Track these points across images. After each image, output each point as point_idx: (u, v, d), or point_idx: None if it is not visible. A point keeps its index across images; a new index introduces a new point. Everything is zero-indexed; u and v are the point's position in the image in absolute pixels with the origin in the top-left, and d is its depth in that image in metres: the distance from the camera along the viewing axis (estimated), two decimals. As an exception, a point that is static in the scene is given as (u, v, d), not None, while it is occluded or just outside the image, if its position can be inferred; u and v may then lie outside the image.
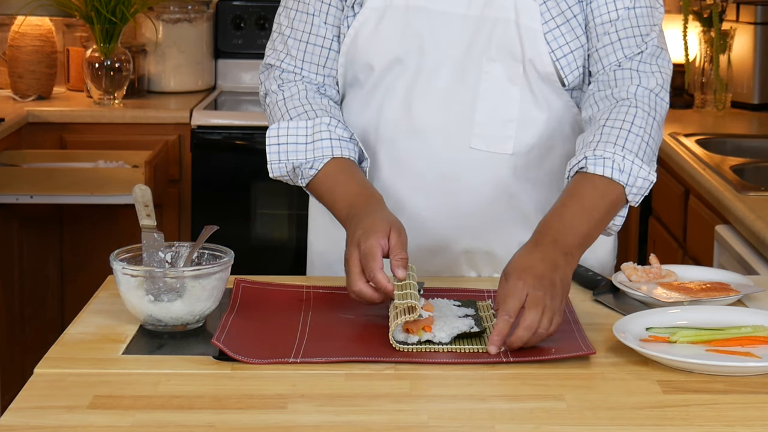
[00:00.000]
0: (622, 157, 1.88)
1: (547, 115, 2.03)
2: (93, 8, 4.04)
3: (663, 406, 1.51)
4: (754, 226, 2.58)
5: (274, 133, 2.02)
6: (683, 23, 4.11)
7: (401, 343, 1.67)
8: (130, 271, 1.73)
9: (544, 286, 1.67)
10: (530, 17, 1.98)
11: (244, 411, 1.47)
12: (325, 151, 1.98)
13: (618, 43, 2.00)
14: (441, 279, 1.99)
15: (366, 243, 1.77)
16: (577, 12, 2.00)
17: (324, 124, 2.00)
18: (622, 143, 1.90)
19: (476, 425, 1.44)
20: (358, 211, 1.87)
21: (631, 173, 1.88)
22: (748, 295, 1.91)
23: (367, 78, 2.06)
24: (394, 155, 2.05)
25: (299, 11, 2.07)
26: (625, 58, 2.00)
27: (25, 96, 4.20)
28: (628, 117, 1.94)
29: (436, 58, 2.01)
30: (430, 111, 2.02)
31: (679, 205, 3.38)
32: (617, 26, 2.00)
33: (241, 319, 1.76)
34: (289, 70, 2.08)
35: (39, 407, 1.48)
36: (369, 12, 2.02)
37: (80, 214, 4.07)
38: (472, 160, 2.02)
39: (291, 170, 2.01)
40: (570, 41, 2.00)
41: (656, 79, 1.99)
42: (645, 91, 1.98)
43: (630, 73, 1.99)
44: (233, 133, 4.05)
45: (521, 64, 2.00)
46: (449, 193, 2.03)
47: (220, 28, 4.57)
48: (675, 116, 4.08)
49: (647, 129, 1.94)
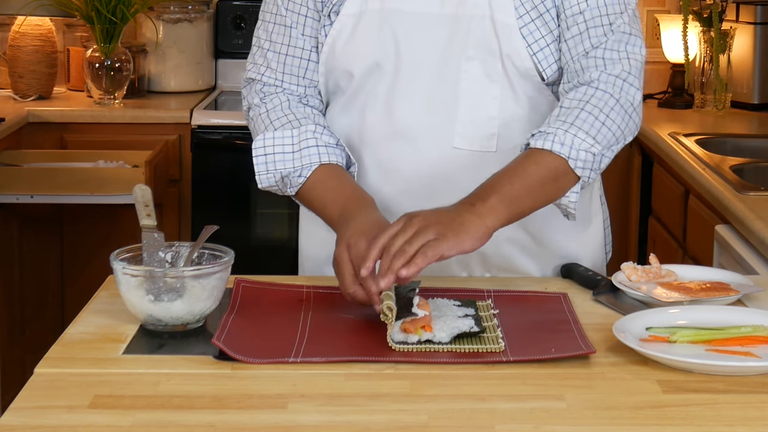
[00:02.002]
0: (564, 131, 1.88)
1: (528, 112, 2.03)
2: (93, 8, 4.04)
3: (663, 405, 1.51)
4: (754, 226, 2.58)
5: (260, 144, 2.02)
6: (683, 23, 4.11)
7: (400, 344, 1.67)
8: (130, 271, 1.73)
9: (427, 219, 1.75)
10: (504, 13, 1.97)
11: (244, 411, 1.48)
12: (313, 158, 1.99)
13: (586, 32, 1.98)
14: (441, 279, 1.99)
15: (356, 244, 1.78)
16: (550, 6, 1.99)
17: (309, 131, 2.00)
18: (572, 120, 1.90)
19: (476, 425, 1.44)
20: (349, 212, 1.88)
21: (573, 146, 1.88)
22: (748, 295, 1.91)
23: (347, 84, 2.06)
24: (379, 159, 2.05)
25: (277, 24, 2.08)
26: (591, 47, 1.98)
27: (25, 96, 4.20)
28: (585, 97, 1.93)
29: (413, 60, 2.01)
30: (412, 113, 2.02)
31: (679, 205, 3.38)
32: (585, 16, 1.98)
33: (241, 319, 1.76)
34: (270, 83, 2.09)
35: (39, 407, 1.48)
36: (345, 19, 2.02)
37: (80, 214, 4.07)
38: (457, 159, 2.02)
39: (279, 180, 2.01)
40: (545, 35, 1.99)
41: (622, 65, 1.97)
42: (609, 77, 1.96)
43: (595, 61, 1.97)
44: (233, 133, 4.05)
45: (499, 61, 1.99)
46: (436, 194, 2.02)
47: (220, 28, 4.58)
48: (675, 116, 4.08)
49: (604, 109, 1.92)
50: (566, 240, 2.09)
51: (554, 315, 1.80)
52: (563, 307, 1.84)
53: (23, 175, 3.72)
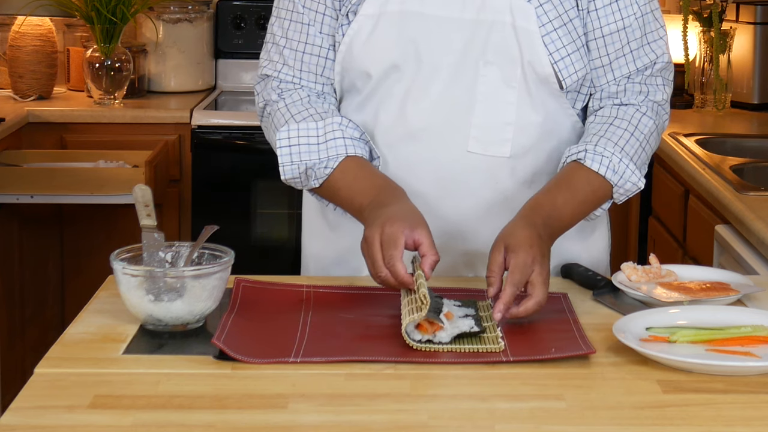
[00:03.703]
0: (619, 159, 1.96)
1: (543, 118, 2.03)
2: (93, 8, 4.04)
3: (663, 405, 1.51)
4: (754, 226, 2.58)
5: (284, 135, 2.01)
6: (683, 23, 4.11)
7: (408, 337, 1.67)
8: (130, 271, 1.73)
9: (544, 265, 1.77)
10: (526, 19, 1.98)
11: (244, 411, 1.48)
12: (339, 150, 1.98)
13: (630, 55, 2.04)
14: (441, 279, 1.99)
15: (391, 228, 1.77)
16: (573, 16, 2.00)
17: (336, 123, 2.00)
18: (623, 144, 1.98)
19: (476, 425, 1.44)
20: (383, 200, 1.87)
21: (623, 176, 1.97)
22: (748, 294, 1.91)
23: (364, 85, 2.06)
24: (392, 160, 2.05)
25: (293, 21, 2.07)
26: (636, 71, 2.05)
27: (25, 96, 4.20)
28: (634, 120, 2.02)
29: (432, 63, 2.01)
30: (427, 115, 2.02)
31: (679, 205, 3.38)
32: (628, 37, 2.02)
33: (241, 319, 1.76)
34: (288, 80, 2.08)
35: (39, 407, 1.48)
36: (363, 19, 2.01)
37: (80, 214, 4.07)
38: (470, 163, 2.02)
39: (303, 171, 2.00)
40: (567, 44, 2.00)
41: (662, 94, 2.07)
42: (653, 105, 2.05)
43: (639, 87, 2.06)
44: (233, 133, 4.05)
45: (519, 67, 2.00)
46: (447, 196, 2.03)
47: (220, 28, 4.57)
48: (675, 116, 4.08)
49: (648, 136, 2.02)
50: (572, 244, 2.10)
51: (554, 315, 1.80)
52: (563, 307, 1.84)
53: (23, 175, 3.72)
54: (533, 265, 1.75)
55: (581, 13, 2.01)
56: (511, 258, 1.76)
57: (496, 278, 1.76)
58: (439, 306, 1.71)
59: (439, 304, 1.71)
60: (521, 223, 1.83)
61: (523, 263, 1.75)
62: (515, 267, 1.75)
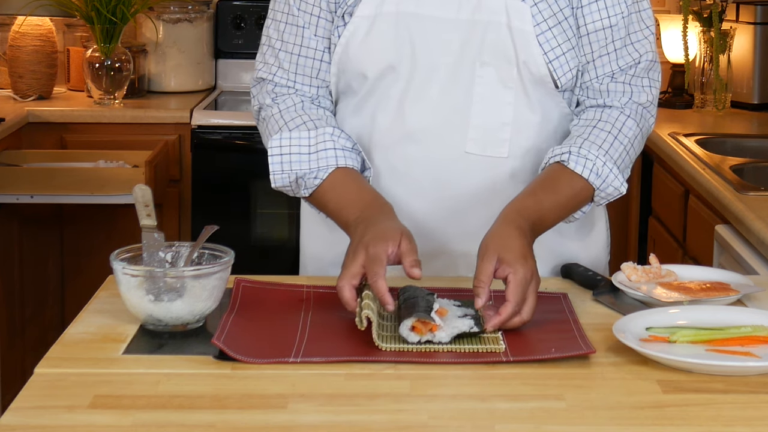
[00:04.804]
0: (603, 163, 1.96)
1: (540, 118, 2.04)
2: (93, 8, 4.04)
3: (662, 405, 1.51)
4: (754, 226, 2.58)
5: (276, 143, 2.01)
6: (683, 23, 4.11)
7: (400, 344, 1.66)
8: (130, 271, 1.73)
9: (537, 279, 1.76)
10: (521, 19, 1.98)
11: (244, 411, 1.48)
12: (330, 161, 1.98)
13: (614, 53, 2.03)
14: (441, 279, 1.99)
15: (375, 248, 1.77)
16: (568, 14, 2.00)
17: (327, 134, 2.00)
18: (607, 148, 1.98)
19: (476, 425, 1.44)
20: (369, 215, 1.87)
21: (606, 180, 1.97)
22: (748, 295, 1.91)
23: (360, 86, 2.06)
24: (390, 161, 2.05)
25: (288, 24, 2.06)
26: (619, 69, 2.03)
27: (25, 96, 4.20)
28: (618, 124, 2.01)
29: (428, 64, 2.01)
30: (425, 116, 2.02)
31: (679, 205, 3.38)
32: (613, 35, 2.01)
33: (241, 319, 1.76)
34: (282, 83, 2.08)
35: (39, 407, 1.48)
36: (359, 20, 2.01)
37: (80, 214, 4.07)
38: (468, 164, 2.02)
39: (293, 180, 2.00)
40: (562, 43, 2.00)
41: (647, 95, 2.05)
42: (638, 107, 2.04)
43: (623, 87, 2.04)
44: (233, 133, 4.05)
45: (515, 67, 1.99)
46: (446, 197, 2.03)
47: (220, 28, 4.58)
48: (675, 116, 4.08)
49: (632, 140, 2.02)
50: (570, 243, 2.10)
51: (554, 315, 1.81)
52: (563, 307, 1.84)
53: (23, 175, 3.72)
54: (531, 279, 1.74)
55: (574, 11, 2.01)
56: (510, 274, 1.73)
57: (485, 289, 1.73)
58: (429, 304, 1.70)
59: (430, 303, 1.71)
60: (511, 231, 1.79)
61: (524, 280, 1.73)
62: (517, 285, 1.72)
